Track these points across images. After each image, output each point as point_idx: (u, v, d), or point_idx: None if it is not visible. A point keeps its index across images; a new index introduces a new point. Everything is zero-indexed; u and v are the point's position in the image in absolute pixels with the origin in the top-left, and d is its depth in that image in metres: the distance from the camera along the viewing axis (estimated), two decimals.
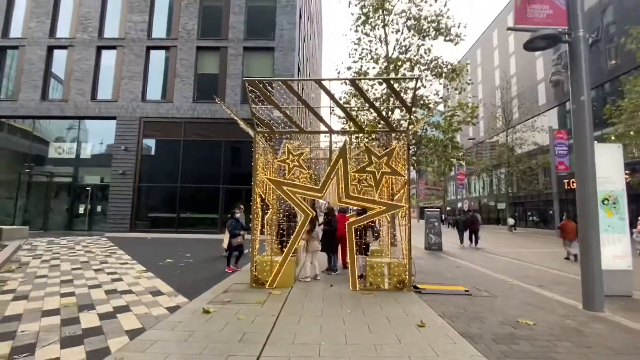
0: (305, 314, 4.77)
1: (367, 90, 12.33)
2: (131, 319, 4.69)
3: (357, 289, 6.15)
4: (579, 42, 5.50)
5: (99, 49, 18.74)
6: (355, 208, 7.79)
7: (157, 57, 18.72)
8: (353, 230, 6.23)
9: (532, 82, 34.94)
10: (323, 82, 5.75)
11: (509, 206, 33.72)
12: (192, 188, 17.66)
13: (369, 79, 10.59)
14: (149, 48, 18.56)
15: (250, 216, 6.48)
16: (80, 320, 4.63)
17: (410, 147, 12.44)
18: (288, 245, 6.45)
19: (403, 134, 6.52)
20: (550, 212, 28.11)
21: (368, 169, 6.28)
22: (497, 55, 43.40)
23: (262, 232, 7.42)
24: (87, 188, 18.48)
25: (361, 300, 5.56)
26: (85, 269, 8.08)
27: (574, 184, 22.84)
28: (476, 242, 15.78)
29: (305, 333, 4.07)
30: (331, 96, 5.75)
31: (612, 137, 17.54)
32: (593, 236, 5.28)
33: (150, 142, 18.41)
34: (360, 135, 9.15)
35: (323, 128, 6.90)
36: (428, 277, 7.55)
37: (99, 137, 18.91)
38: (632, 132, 16.10)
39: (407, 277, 6.15)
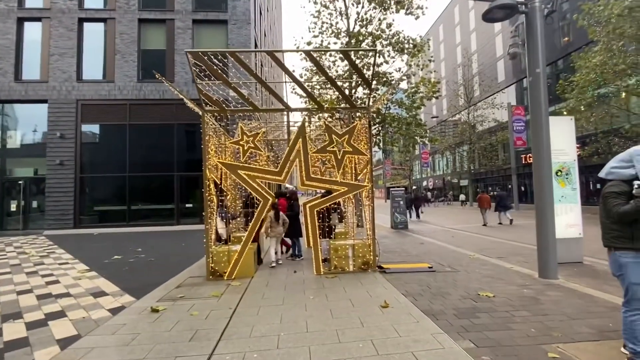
0: (265, 304, 4.46)
1: (329, 67, 11.90)
2: (65, 326, 4.09)
3: (322, 273, 5.93)
4: (535, 12, 5.47)
5: (20, 21, 16.31)
6: (320, 191, 7.47)
7: (92, 31, 16.69)
8: (316, 213, 5.94)
9: (492, 59, 36.40)
10: (276, 54, 5.25)
11: (471, 182, 35.48)
12: (143, 177, 16.36)
13: (325, 51, 10.13)
14: (81, 20, 16.45)
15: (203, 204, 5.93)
16: (2, 332, 3.95)
17: (375, 126, 12.32)
18: (247, 233, 6.02)
19: (364, 111, 6.24)
20: (509, 186, 29.97)
21: (329, 148, 5.96)
22: (458, 32, 44.51)
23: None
24: (19, 182, 16.44)
25: (325, 284, 5.34)
26: (16, 273, 7.09)
27: (530, 158, 24.30)
28: (417, 216, 19.53)
29: (264, 324, 3.76)
30: (285, 69, 5.28)
31: (564, 112, 18.72)
32: (548, 207, 5.44)
33: (91, 128, 16.65)
34: (321, 114, 8.78)
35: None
36: (393, 256, 7.54)
37: (28, 123, 16.73)
38: (582, 107, 17.23)
39: (371, 257, 6.03)
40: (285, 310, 4.19)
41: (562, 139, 6.60)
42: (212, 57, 5.56)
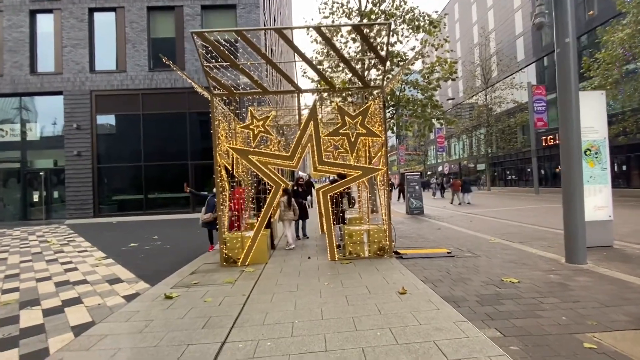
0: (279, 291, 4.36)
1: (341, 48, 11.51)
2: (81, 313, 4.11)
3: (336, 259, 5.80)
4: None
5: (33, 13, 16.43)
6: (330, 177, 7.32)
7: (103, 21, 16.68)
8: (329, 198, 5.77)
9: (510, 37, 34.85)
10: (285, 31, 4.99)
11: (488, 167, 34.54)
12: (158, 166, 16.51)
13: (337, 26, 9.72)
14: (91, 10, 16.44)
15: (214, 190, 5.83)
16: (19, 319, 3.99)
17: (389, 109, 11.93)
18: (259, 218, 5.92)
19: (378, 91, 5.94)
20: (529, 169, 29.01)
21: (341, 131, 5.72)
22: (475, 9, 42.69)
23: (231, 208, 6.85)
24: (40, 173, 16.88)
25: (340, 270, 5.21)
26: (37, 261, 7.26)
27: (551, 140, 23.42)
28: (398, 198, 21.43)
29: (277, 311, 3.66)
30: (295, 48, 5.03)
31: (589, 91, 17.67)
32: (577, 188, 5.10)
33: (106, 118, 16.83)
34: (333, 95, 8.49)
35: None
36: (410, 242, 7.34)
37: (46, 115, 17.05)
38: (608, 85, 16.26)
39: (387, 243, 5.84)
40: (299, 297, 4.08)
41: (592, 115, 6.14)
42: (219, 38, 5.36)
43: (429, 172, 50.51)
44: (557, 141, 27.62)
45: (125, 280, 5.44)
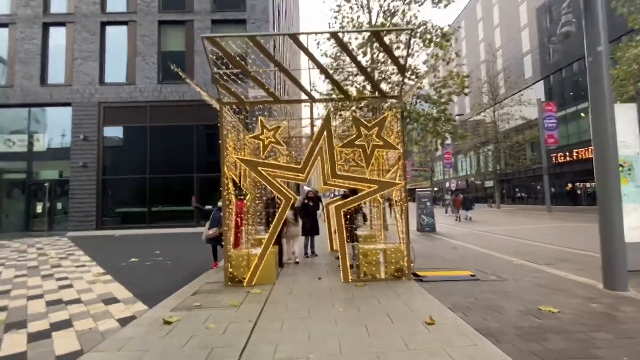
0: (289, 317, 3.92)
1: (350, 63, 11.32)
2: (69, 339, 3.70)
3: (350, 280, 5.35)
4: None
5: (46, 26, 16.66)
6: (339, 192, 6.96)
7: (114, 34, 16.85)
8: (342, 214, 5.38)
9: (517, 55, 34.88)
10: (300, 36, 4.75)
11: (497, 184, 33.93)
12: (163, 179, 16.28)
13: (354, 32, 9.50)
14: (103, 24, 16.65)
15: (219, 204, 5.46)
16: (1, 344, 3.60)
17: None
18: (267, 235, 5.53)
19: (396, 101, 5.64)
20: (539, 187, 28.38)
21: (357, 142, 5.39)
22: (481, 27, 43.05)
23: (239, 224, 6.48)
24: (45, 184, 16.72)
25: (355, 294, 4.76)
26: (32, 276, 6.89)
27: (562, 157, 22.81)
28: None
29: (288, 342, 3.23)
30: (309, 54, 4.77)
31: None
32: (615, 208, 4.67)
33: (113, 130, 16.76)
34: (347, 105, 8.21)
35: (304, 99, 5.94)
36: (426, 262, 6.86)
37: (54, 126, 17.05)
38: (622, 102, 15.89)
39: (405, 263, 5.39)
40: (312, 325, 3.64)
41: (623, 129, 5.74)
42: (230, 48, 5.13)
43: (435, 188, 49.80)
44: (568, 158, 27.28)
45: (121, 300, 5.03)
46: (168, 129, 16.47)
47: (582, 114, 26.23)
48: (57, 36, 16.79)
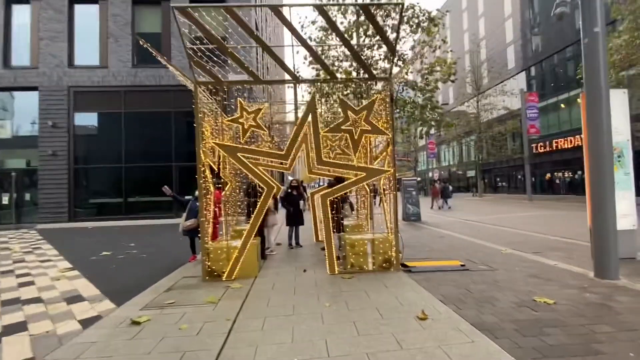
0: (271, 314, 3.61)
1: (337, 46, 10.88)
2: (21, 345, 3.27)
3: (336, 272, 5.08)
4: None
5: (8, 3, 15.38)
6: (323, 181, 6.63)
7: (84, 13, 15.74)
8: (329, 203, 5.07)
9: (501, 45, 35.08)
10: (282, 9, 4.33)
11: (479, 174, 34.44)
12: (140, 168, 15.51)
13: (342, 5, 9.02)
14: (71, 2, 15.49)
15: (197, 193, 5.05)
16: None
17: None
18: (249, 226, 5.17)
19: (385, 83, 5.31)
20: (519, 176, 28.90)
21: (343, 127, 5.05)
22: (465, 17, 43.03)
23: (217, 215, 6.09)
24: (11, 174, 15.65)
25: (342, 287, 4.49)
26: None
27: (542, 147, 23.08)
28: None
29: (270, 344, 2.92)
30: (293, 30, 4.36)
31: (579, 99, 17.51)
32: (608, 195, 4.55)
33: (85, 117, 15.79)
34: (332, 89, 7.82)
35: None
36: (414, 252, 6.67)
37: (20, 112, 15.94)
38: None
39: (393, 254, 5.16)
40: (297, 323, 3.34)
41: (615, 115, 5.60)
42: (206, 21, 4.65)
43: (418, 178, 50.33)
44: (547, 148, 27.86)
45: (87, 298, 4.60)
46: (144, 115, 15.65)
47: (562, 105, 26.73)
48: (21, 14, 15.54)
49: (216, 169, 5.92)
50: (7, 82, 15.23)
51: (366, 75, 5.16)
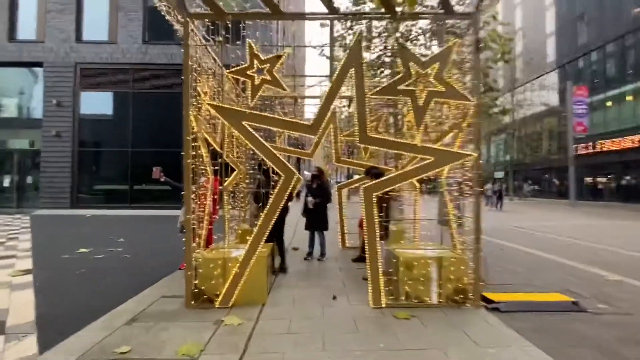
0: None
1: None
2: None
3: (383, 304, 3.39)
4: None
5: None
6: (342, 176, 4.89)
7: None
8: (376, 201, 3.37)
9: (540, 36, 32.24)
10: None
11: (511, 174, 31.78)
12: (148, 153, 14.21)
13: None
14: None
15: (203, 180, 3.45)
16: None
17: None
18: (257, 228, 3.54)
19: (468, 22, 3.55)
20: (554, 179, 26.39)
21: (402, 87, 3.33)
22: (500, 7, 40.12)
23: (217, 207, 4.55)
24: (14, 155, 14.73)
25: (399, 334, 2.80)
26: None
27: (584, 149, 20.50)
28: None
29: None
30: None
31: None
32: None
33: (91, 96, 14.60)
34: (385, 29, 6.06)
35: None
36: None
37: (23, 89, 14.96)
38: None
39: (469, 282, 3.42)
40: None
41: None
42: None
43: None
44: (590, 150, 25.02)
45: (9, 327, 3.07)
46: (154, 96, 14.36)
47: (609, 103, 23.90)
48: None
49: (218, 148, 4.31)
50: (11, 57, 14.20)
51: (440, 10, 3.41)
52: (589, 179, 26.48)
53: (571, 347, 2.63)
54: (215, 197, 4.24)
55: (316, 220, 5.52)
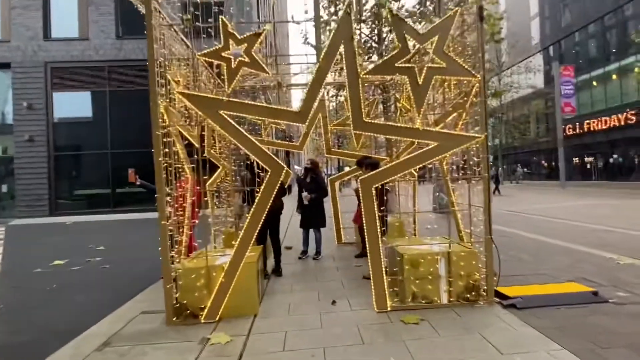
0: None
1: None
2: None
3: (388, 307, 3.06)
4: None
5: None
6: (334, 168, 4.52)
7: None
8: (375, 192, 3.02)
9: (524, 18, 32.23)
10: None
11: (501, 159, 31.93)
12: (128, 154, 13.52)
13: None
14: None
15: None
16: None
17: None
18: (243, 229, 3.15)
19: None
20: (542, 162, 26.52)
21: (398, 63, 2.96)
22: None
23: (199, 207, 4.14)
24: None
25: (408, 343, 2.47)
26: None
27: (570, 130, 20.48)
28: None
29: None
30: None
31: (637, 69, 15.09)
32: None
33: (64, 96, 13.79)
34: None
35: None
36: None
37: None
38: None
39: (480, 278, 3.12)
40: None
41: None
42: None
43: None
44: (578, 130, 25.23)
45: None
46: (132, 94, 13.58)
47: (594, 83, 24.03)
48: None
49: (195, 144, 3.87)
50: None
51: None
52: (577, 160, 26.81)
53: (603, 348, 2.34)
54: (194, 198, 3.81)
55: (313, 217, 5.13)
